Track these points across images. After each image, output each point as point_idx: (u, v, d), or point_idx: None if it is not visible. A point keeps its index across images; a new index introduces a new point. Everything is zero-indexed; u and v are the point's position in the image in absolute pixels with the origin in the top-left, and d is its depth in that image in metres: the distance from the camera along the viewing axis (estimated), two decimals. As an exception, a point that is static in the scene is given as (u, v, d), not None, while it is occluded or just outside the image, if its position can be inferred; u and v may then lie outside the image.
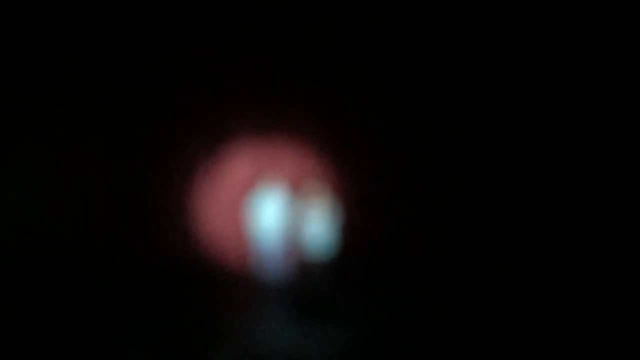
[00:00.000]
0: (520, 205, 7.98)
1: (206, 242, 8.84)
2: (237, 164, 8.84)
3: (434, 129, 8.54)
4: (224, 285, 8.25)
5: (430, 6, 8.03)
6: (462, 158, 8.48)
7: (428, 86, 8.48)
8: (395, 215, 8.74)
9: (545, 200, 7.73)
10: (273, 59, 8.49)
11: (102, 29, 7.85)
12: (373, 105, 8.67)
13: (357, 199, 8.82)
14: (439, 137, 8.54)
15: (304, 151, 8.89)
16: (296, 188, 8.79)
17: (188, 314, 7.08)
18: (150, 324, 6.63)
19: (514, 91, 8.02)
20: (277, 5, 8.04)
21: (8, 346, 5.73)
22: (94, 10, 7.59)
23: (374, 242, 8.81)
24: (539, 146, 7.87)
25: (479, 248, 8.39)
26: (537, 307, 6.70)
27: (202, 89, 8.64)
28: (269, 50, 8.43)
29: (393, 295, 7.52)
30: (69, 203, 7.67)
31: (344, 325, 6.34)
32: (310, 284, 7.71)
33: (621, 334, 6.17)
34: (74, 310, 6.98)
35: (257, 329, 6.38)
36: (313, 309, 6.65)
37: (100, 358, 5.40)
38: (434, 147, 8.59)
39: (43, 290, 7.09)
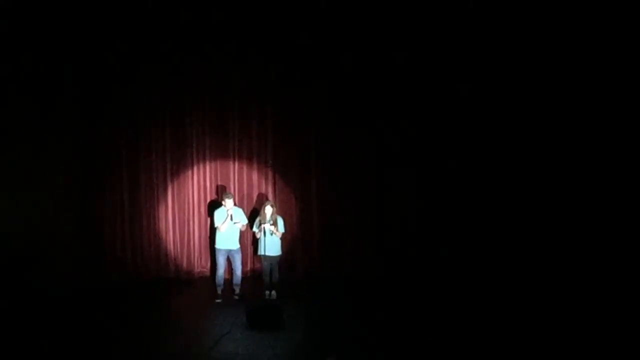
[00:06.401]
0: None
1: (162, 254, 8.75)
2: (195, 178, 8.78)
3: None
4: (180, 294, 8.28)
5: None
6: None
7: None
8: (343, 231, 8.73)
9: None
10: (229, 80, 8.51)
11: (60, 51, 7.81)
12: (330, 126, 8.63)
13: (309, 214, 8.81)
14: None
15: (261, 167, 8.87)
16: (254, 203, 8.81)
17: (145, 322, 7.09)
18: (105, 334, 6.61)
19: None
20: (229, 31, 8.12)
21: None
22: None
23: (324, 255, 8.80)
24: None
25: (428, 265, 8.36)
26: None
27: (159, 104, 8.56)
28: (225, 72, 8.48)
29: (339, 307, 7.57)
30: (26, 215, 7.59)
31: (291, 335, 6.57)
32: (263, 295, 7.83)
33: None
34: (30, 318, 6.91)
35: (212, 336, 6.50)
36: (264, 319, 6.79)
37: None
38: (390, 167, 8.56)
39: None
